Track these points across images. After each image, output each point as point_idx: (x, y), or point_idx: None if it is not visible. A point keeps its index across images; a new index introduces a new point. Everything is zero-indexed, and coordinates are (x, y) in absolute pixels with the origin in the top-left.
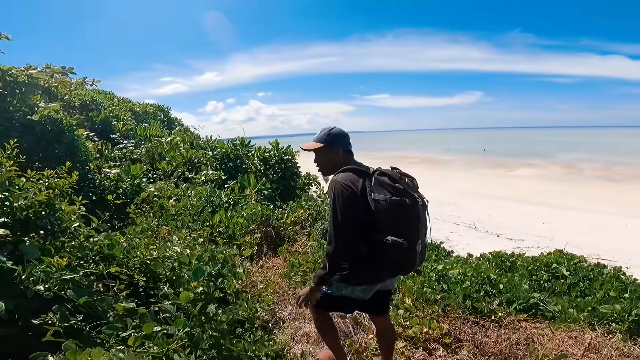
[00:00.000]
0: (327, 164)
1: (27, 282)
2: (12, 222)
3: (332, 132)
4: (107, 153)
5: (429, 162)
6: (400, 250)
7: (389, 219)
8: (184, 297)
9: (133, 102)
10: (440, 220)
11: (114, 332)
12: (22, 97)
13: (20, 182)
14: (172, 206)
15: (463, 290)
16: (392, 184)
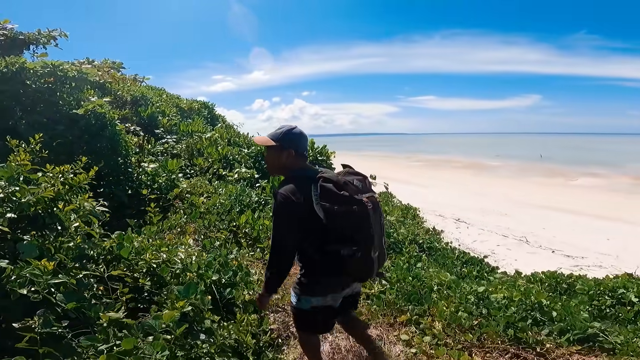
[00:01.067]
0: (274, 164)
1: (12, 284)
2: (19, 219)
3: (289, 131)
4: (149, 147)
5: (475, 167)
6: (356, 260)
7: (339, 228)
8: (167, 317)
9: (180, 99)
10: (486, 231)
11: (93, 343)
12: (71, 91)
13: (36, 177)
14: (202, 203)
15: (506, 318)
16: (338, 192)
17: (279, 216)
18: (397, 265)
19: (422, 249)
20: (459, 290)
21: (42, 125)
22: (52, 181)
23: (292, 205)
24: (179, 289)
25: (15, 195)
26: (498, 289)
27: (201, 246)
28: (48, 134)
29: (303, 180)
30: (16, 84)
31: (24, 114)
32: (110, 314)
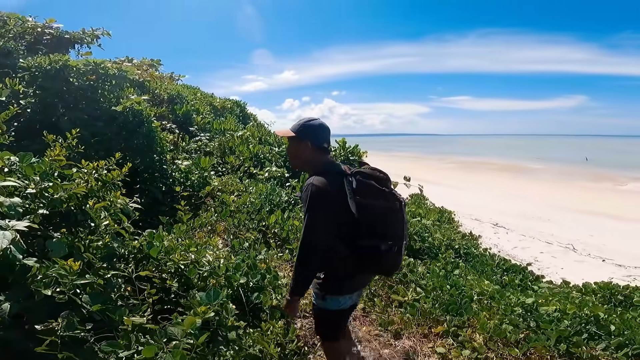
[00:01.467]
0: (294, 157)
1: (36, 285)
2: (52, 215)
3: (307, 123)
4: (183, 145)
5: (513, 170)
6: (391, 255)
7: (378, 224)
8: (188, 323)
9: (214, 97)
10: (528, 237)
11: (114, 349)
12: (111, 89)
13: (70, 172)
14: (233, 202)
15: (559, 332)
16: (379, 188)
17: (313, 209)
18: (433, 272)
19: (458, 255)
20: (504, 301)
21: (82, 122)
22: (86, 177)
23: (327, 198)
24: (201, 294)
25: (48, 191)
26: (549, 301)
27: (230, 246)
28: (88, 130)
29: (333, 175)
30: (60, 82)
31: (67, 111)
32: (133, 319)
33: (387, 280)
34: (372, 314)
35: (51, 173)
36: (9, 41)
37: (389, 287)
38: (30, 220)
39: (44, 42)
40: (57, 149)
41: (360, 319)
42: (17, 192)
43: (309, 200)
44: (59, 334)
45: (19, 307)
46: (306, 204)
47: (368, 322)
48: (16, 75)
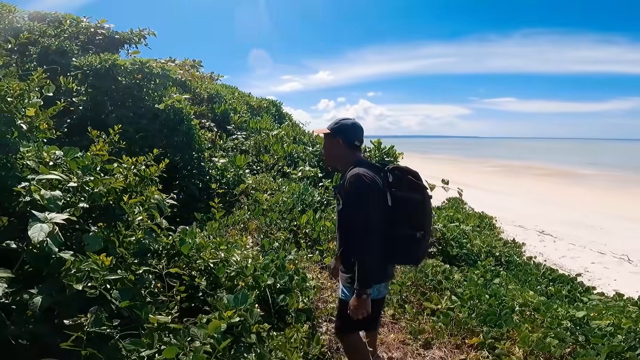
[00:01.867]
0: (328, 154)
1: (68, 279)
2: (91, 209)
3: (340, 122)
4: (220, 143)
5: (562, 176)
6: (421, 244)
7: (415, 215)
8: (212, 327)
9: (250, 97)
10: (577, 247)
11: (137, 347)
12: (155, 87)
13: (111, 167)
14: (266, 200)
15: (610, 347)
16: (417, 182)
17: (366, 194)
18: (471, 281)
19: (499, 263)
20: (550, 314)
21: (128, 119)
22: (125, 172)
23: (376, 185)
24: (229, 297)
25: (89, 185)
26: (603, 315)
27: (260, 245)
28: (133, 127)
29: (374, 167)
30: (109, 80)
31: (114, 108)
32: (158, 317)
33: (419, 287)
34: (402, 321)
35: (93, 167)
36: (64, 41)
37: (422, 294)
38: (70, 213)
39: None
40: (100, 144)
41: (389, 325)
42: (61, 185)
43: (360, 188)
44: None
45: (51, 301)
46: (356, 193)
47: (397, 329)
48: (70, 73)
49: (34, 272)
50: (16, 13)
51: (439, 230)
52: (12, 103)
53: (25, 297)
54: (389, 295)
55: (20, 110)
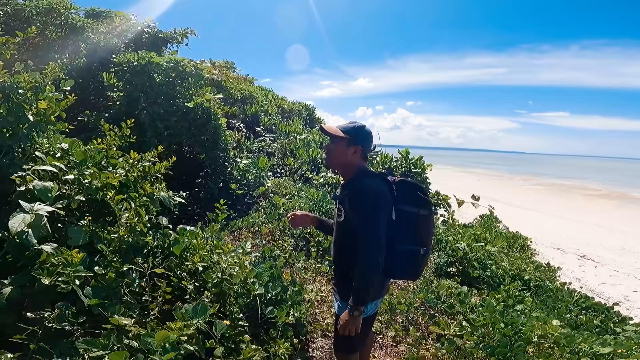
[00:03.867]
0: (337, 158)
1: (35, 272)
2: (89, 203)
3: (362, 128)
4: (247, 144)
5: (617, 198)
6: (422, 259)
7: (418, 231)
8: (160, 337)
9: (284, 100)
10: (621, 273)
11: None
12: (188, 86)
13: (115, 162)
14: (283, 204)
15: None
16: (424, 197)
17: (377, 210)
18: (488, 305)
19: (527, 287)
20: (570, 348)
21: (159, 116)
22: (128, 167)
23: (386, 199)
24: (189, 307)
25: (87, 179)
26: (632, 351)
27: (261, 252)
28: (164, 124)
29: (383, 179)
30: (144, 77)
31: (147, 105)
32: (120, 318)
33: (429, 309)
34: (403, 345)
35: (99, 160)
36: (112, 38)
37: (430, 317)
38: (63, 205)
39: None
40: (111, 138)
41: (388, 348)
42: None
43: (373, 204)
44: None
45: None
46: (366, 208)
47: (396, 353)
48: (111, 69)
49: (13, 263)
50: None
51: (461, 249)
52: (24, 95)
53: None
54: (394, 316)
55: (32, 102)
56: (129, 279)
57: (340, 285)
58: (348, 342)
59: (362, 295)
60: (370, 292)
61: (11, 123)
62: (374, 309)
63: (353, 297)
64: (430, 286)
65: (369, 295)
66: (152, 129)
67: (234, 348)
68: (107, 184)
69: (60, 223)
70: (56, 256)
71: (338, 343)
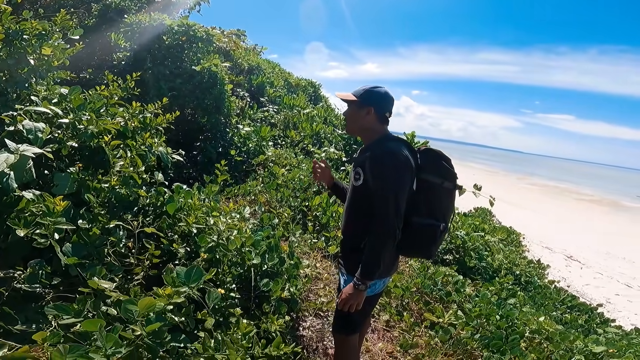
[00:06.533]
0: (353, 122)
1: (13, 222)
2: (81, 149)
3: (371, 89)
4: (250, 113)
5: (608, 205)
6: (440, 236)
7: (439, 203)
8: (144, 305)
9: (290, 74)
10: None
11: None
12: (197, 50)
13: (115, 110)
14: (282, 175)
15: None
16: (450, 168)
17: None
18: (483, 297)
19: (517, 282)
20: (564, 345)
21: (164, 77)
22: (128, 117)
23: (409, 165)
24: (181, 270)
25: (82, 124)
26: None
27: (259, 219)
28: (168, 85)
29: (403, 143)
30: (154, 39)
31: (153, 66)
32: (100, 281)
33: (424, 295)
34: (396, 331)
35: (98, 108)
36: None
37: (425, 304)
38: (52, 149)
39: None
40: (114, 89)
41: (381, 332)
42: (54, 121)
43: (394, 167)
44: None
45: None
46: (387, 171)
47: (388, 338)
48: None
49: None
50: None
51: (460, 237)
52: (28, 41)
53: None
54: (388, 300)
55: (36, 48)
56: (114, 237)
57: (348, 257)
58: (348, 321)
59: (373, 268)
60: (382, 265)
61: (10, 66)
62: (380, 287)
63: (362, 269)
64: (427, 272)
65: (379, 268)
66: (155, 88)
67: (222, 321)
68: (103, 130)
69: (47, 169)
70: (37, 203)
71: (337, 322)
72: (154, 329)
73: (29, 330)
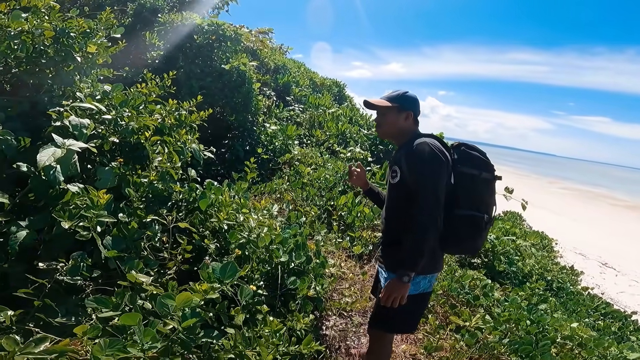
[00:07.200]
0: (391, 128)
1: (58, 215)
2: (122, 145)
3: (406, 94)
4: (276, 112)
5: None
6: (484, 229)
7: (479, 194)
8: (181, 300)
9: (315, 74)
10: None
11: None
12: (226, 49)
13: (153, 108)
14: (308, 174)
15: None
16: (485, 159)
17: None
18: (513, 301)
19: (549, 288)
20: (597, 351)
21: (195, 75)
22: (165, 114)
23: (446, 158)
24: (216, 266)
25: (124, 120)
26: None
27: (286, 217)
28: (198, 83)
29: (436, 139)
30: (185, 38)
31: (185, 64)
32: (138, 275)
33: (451, 298)
34: (420, 333)
35: (137, 105)
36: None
37: (451, 307)
38: (96, 144)
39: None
40: (152, 87)
41: (404, 334)
42: (97, 117)
43: (429, 159)
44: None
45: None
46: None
47: (412, 340)
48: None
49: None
50: None
51: (489, 241)
52: (74, 38)
53: (13, 229)
54: None
55: (81, 45)
56: (150, 231)
57: (388, 254)
58: (388, 318)
59: (415, 257)
60: (424, 255)
61: (57, 63)
62: (427, 286)
63: (404, 260)
64: (454, 275)
65: (422, 257)
66: (187, 87)
67: (249, 318)
68: (142, 126)
69: (89, 164)
70: (81, 196)
71: (377, 317)
72: (190, 324)
73: (68, 323)
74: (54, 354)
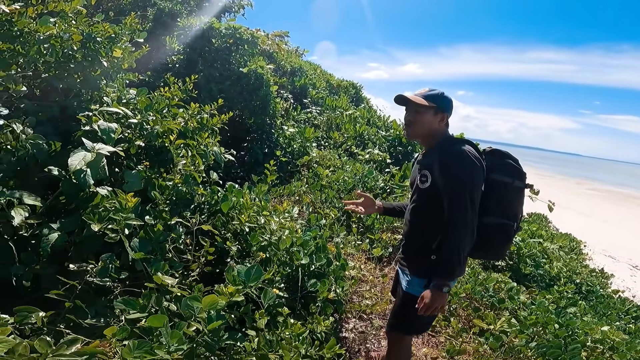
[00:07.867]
0: (424, 129)
1: (88, 217)
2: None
3: (444, 95)
4: (294, 114)
5: None
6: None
7: (510, 202)
8: (207, 303)
9: (332, 76)
10: None
11: (127, 308)
12: (243, 52)
13: (176, 111)
14: (326, 176)
15: None
16: (518, 167)
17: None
18: (540, 304)
19: (578, 291)
20: (629, 355)
21: (214, 79)
22: (187, 117)
23: (482, 165)
24: (242, 269)
25: (149, 124)
26: None
27: (306, 219)
28: (217, 87)
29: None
30: (204, 42)
31: (204, 68)
32: (163, 277)
33: (474, 301)
34: (442, 336)
35: (161, 109)
36: (177, 4)
37: (474, 310)
38: (123, 148)
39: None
40: (175, 91)
41: (425, 337)
42: (123, 120)
43: (468, 165)
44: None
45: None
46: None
47: (433, 343)
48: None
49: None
50: None
51: (514, 243)
52: (100, 43)
53: (45, 231)
54: None
55: (107, 50)
56: (175, 233)
57: (413, 258)
58: (411, 322)
59: (453, 266)
60: (462, 263)
61: (84, 67)
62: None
63: (442, 269)
64: (478, 278)
65: (460, 265)
66: (206, 90)
67: (270, 320)
68: (167, 130)
69: (117, 167)
70: (110, 199)
71: (398, 321)
72: (215, 327)
73: (97, 324)
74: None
